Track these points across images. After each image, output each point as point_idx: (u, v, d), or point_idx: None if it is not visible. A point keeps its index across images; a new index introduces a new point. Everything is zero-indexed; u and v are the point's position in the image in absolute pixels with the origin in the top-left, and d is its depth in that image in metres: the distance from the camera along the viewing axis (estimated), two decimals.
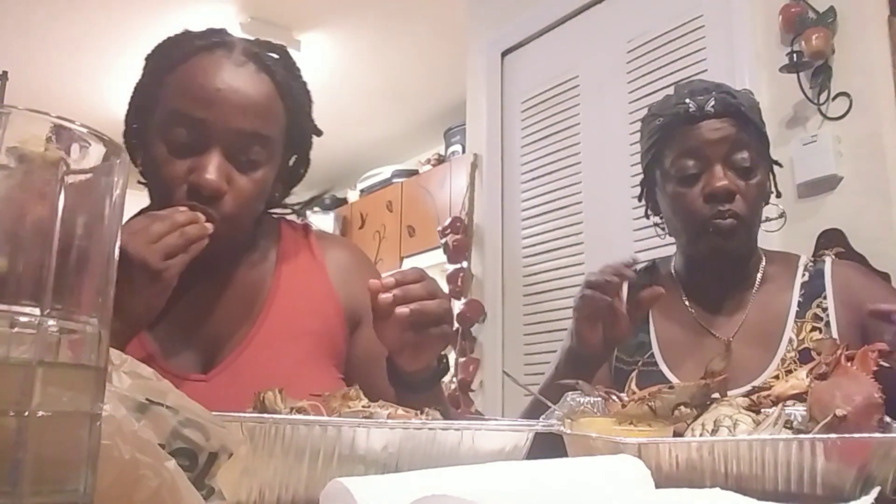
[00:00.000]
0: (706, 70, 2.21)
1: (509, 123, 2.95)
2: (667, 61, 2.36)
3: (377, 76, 3.86)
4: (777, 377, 1.06)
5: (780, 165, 1.25)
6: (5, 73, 3.19)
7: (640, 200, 1.28)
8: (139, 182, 1.00)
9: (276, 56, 0.98)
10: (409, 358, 0.87)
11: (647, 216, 1.28)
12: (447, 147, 3.96)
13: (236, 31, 1.00)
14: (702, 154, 1.12)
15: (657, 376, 1.14)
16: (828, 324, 1.12)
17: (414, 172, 4.14)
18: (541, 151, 2.79)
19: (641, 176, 1.25)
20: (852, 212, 1.83)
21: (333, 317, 1.01)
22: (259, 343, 0.95)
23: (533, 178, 2.81)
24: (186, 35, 0.97)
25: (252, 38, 1.01)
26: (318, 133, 1.05)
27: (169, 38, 0.97)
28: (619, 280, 1.04)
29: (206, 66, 0.92)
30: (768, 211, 1.22)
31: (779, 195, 1.24)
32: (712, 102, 1.12)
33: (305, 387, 0.74)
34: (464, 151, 3.60)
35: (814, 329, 1.12)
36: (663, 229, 1.25)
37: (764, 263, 1.21)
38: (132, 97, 0.98)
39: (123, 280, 0.80)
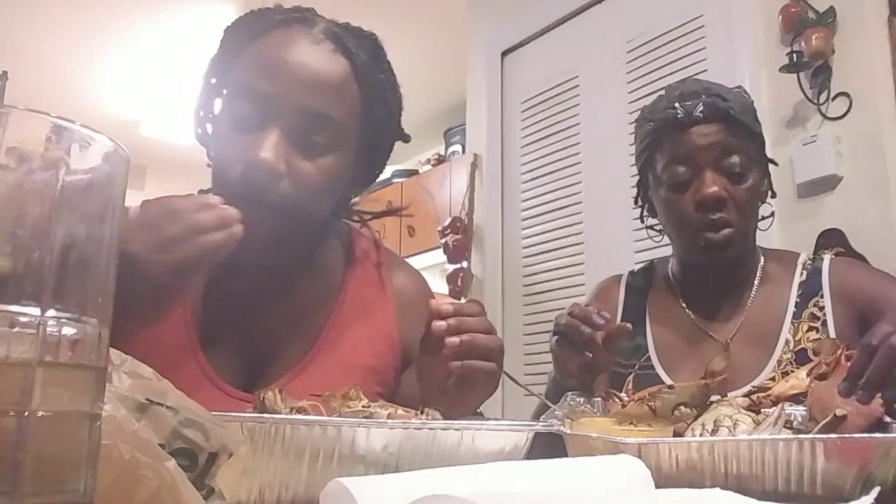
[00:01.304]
0: (706, 70, 2.21)
1: (509, 123, 2.96)
2: (667, 61, 2.36)
3: None
4: (773, 379, 1.06)
5: (776, 164, 1.24)
6: (5, 73, 3.19)
7: (635, 203, 1.28)
8: (208, 165, 0.93)
9: (362, 42, 0.91)
10: (448, 399, 0.81)
11: (641, 219, 1.27)
12: (447, 147, 3.96)
13: None
14: (692, 160, 1.11)
15: (654, 379, 1.13)
16: (825, 323, 1.11)
17: (414, 172, 4.13)
18: (541, 151, 2.79)
19: (638, 178, 1.25)
20: (852, 212, 1.83)
21: (389, 354, 0.96)
22: (311, 372, 0.90)
23: (533, 178, 2.81)
24: (269, 9, 0.91)
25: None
26: (405, 139, 0.99)
27: (252, 12, 0.91)
28: (590, 332, 0.97)
29: (279, 40, 0.86)
30: (762, 210, 1.21)
31: (773, 195, 1.23)
32: (700, 107, 1.10)
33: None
34: (464, 151, 3.60)
35: (811, 329, 1.11)
36: (659, 231, 1.24)
37: (763, 263, 1.20)
38: (206, 72, 0.92)
39: (123, 285, 0.76)
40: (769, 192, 1.21)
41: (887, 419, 0.69)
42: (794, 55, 1.92)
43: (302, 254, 0.94)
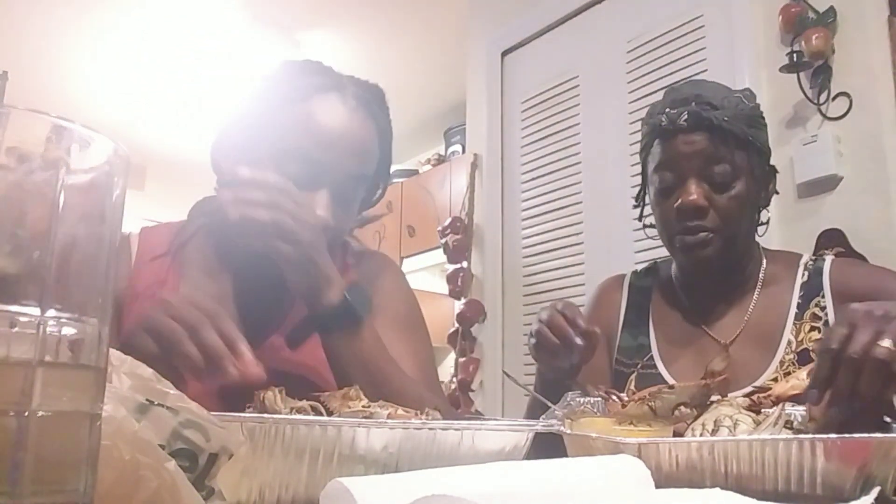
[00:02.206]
0: (706, 70, 2.21)
1: (509, 123, 2.95)
2: (667, 61, 2.36)
3: (377, 76, 3.84)
4: (776, 380, 1.06)
5: (777, 171, 1.23)
6: (5, 73, 3.19)
7: (636, 201, 1.28)
8: (215, 189, 1.02)
9: (374, 96, 1.04)
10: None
11: (640, 218, 1.27)
12: (447, 147, 3.96)
13: (236, 32, 1.00)
14: (677, 167, 1.12)
15: (656, 379, 1.14)
16: (826, 323, 1.11)
17: (414, 172, 4.13)
18: (541, 151, 2.79)
19: (641, 176, 1.25)
20: (852, 212, 1.83)
21: None
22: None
23: (533, 178, 2.81)
24: (299, 72, 1.01)
25: (347, 74, 1.06)
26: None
27: (281, 72, 1.02)
28: (564, 346, 1.00)
29: (325, 109, 0.97)
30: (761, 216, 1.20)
31: (767, 202, 1.21)
32: (685, 116, 1.11)
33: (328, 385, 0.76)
34: (464, 151, 3.60)
35: (812, 329, 1.11)
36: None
37: (765, 264, 1.20)
38: (237, 119, 1.01)
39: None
40: (768, 198, 1.20)
41: (887, 419, 0.69)
42: (794, 55, 1.92)
43: None
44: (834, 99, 1.89)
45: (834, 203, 1.87)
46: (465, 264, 3.02)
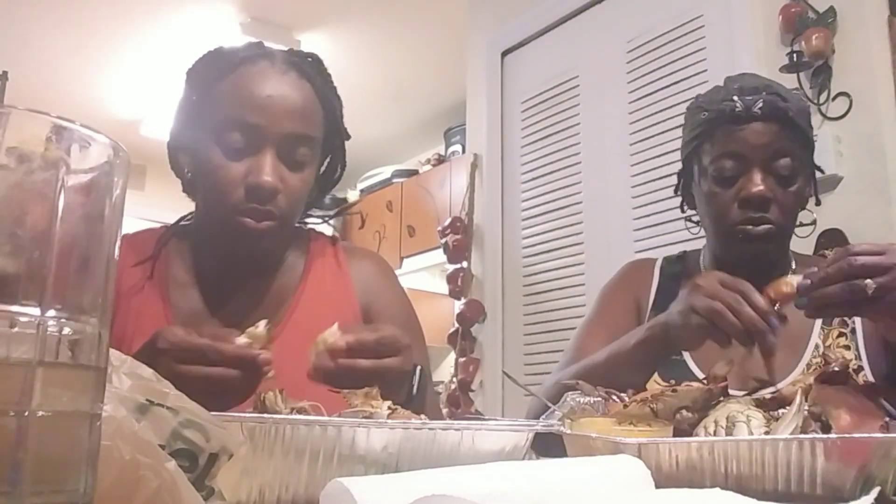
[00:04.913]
0: (706, 70, 2.21)
1: (509, 123, 2.95)
2: (667, 61, 2.36)
3: (377, 76, 3.86)
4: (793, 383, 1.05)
5: (823, 172, 1.20)
6: (5, 73, 3.19)
7: (675, 192, 1.25)
8: (183, 191, 1.06)
9: (311, 64, 1.05)
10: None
11: (682, 209, 1.25)
12: (447, 147, 3.96)
13: (236, 32, 1.03)
14: (742, 157, 1.08)
15: (681, 367, 1.11)
16: (854, 330, 1.10)
17: (414, 172, 4.13)
18: (541, 151, 2.79)
19: (681, 167, 1.22)
20: (852, 212, 1.83)
21: (352, 321, 1.04)
22: (282, 343, 0.97)
23: (533, 178, 2.81)
24: (227, 49, 1.03)
25: (285, 48, 1.07)
26: (347, 137, 1.11)
27: (209, 53, 1.04)
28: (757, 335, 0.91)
29: (253, 76, 0.98)
30: (802, 217, 1.18)
31: (818, 202, 1.19)
32: (760, 104, 1.08)
33: (322, 388, 0.77)
34: (464, 151, 3.60)
35: (840, 335, 1.10)
36: (696, 223, 1.22)
37: (794, 267, 1.17)
38: (179, 111, 1.04)
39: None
40: (814, 199, 1.18)
41: (887, 419, 0.70)
42: (794, 55, 1.92)
43: (277, 253, 1.07)
44: (834, 99, 1.89)
45: (834, 203, 1.87)
46: (465, 264, 3.02)
